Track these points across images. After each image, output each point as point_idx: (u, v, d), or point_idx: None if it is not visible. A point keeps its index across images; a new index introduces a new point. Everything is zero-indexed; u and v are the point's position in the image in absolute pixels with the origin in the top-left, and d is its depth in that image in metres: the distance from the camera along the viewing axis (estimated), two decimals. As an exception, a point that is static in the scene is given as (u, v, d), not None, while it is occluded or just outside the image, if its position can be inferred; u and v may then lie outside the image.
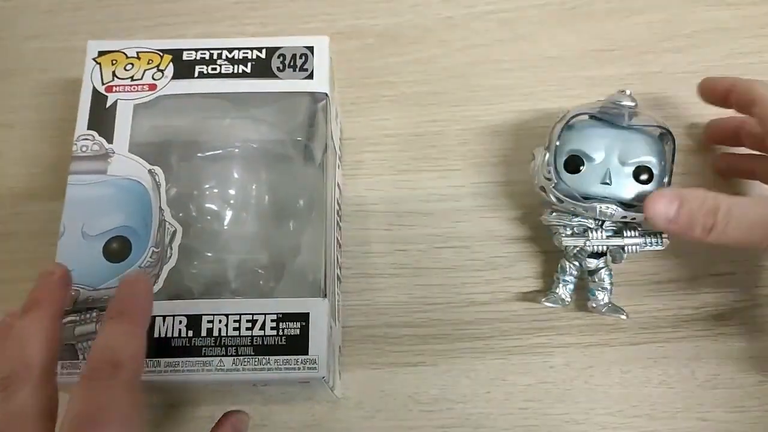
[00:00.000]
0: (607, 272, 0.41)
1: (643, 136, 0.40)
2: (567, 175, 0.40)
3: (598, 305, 0.41)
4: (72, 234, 0.37)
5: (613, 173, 0.40)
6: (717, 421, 0.41)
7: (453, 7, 0.52)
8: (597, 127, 0.41)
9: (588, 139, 0.40)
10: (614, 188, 0.40)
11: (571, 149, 0.40)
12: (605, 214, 0.39)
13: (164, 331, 0.35)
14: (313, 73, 0.40)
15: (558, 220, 0.41)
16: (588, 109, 0.41)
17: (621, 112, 0.40)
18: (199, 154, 0.40)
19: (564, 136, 0.40)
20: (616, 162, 0.40)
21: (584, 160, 0.40)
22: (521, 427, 0.41)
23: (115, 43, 0.41)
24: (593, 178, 0.40)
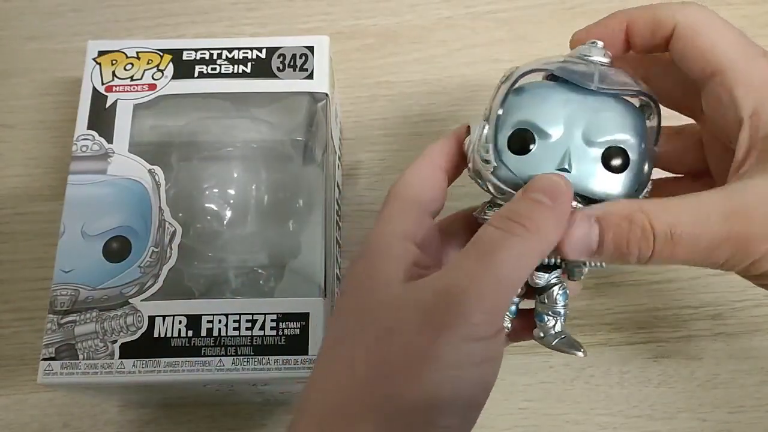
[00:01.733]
0: (561, 291, 0.31)
1: (618, 105, 0.29)
2: (511, 157, 0.29)
3: (547, 335, 0.31)
4: (72, 234, 0.37)
5: (575, 155, 0.29)
6: (717, 422, 0.41)
7: (453, 7, 0.52)
8: (555, 90, 0.30)
9: (542, 107, 0.29)
10: (575, 176, 0.28)
11: (518, 121, 0.29)
12: None
13: (164, 331, 0.35)
14: (313, 73, 0.40)
15: None
16: (544, 64, 0.30)
17: (590, 71, 0.29)
18: (199, 154, 0.40)
19: (509, 102, 0.29)
20: (579, 140, 0.29)
21: (535, 136, 0.29)
22: (521, 427, 0.41)
23: (115, 43, 0.41)
24: (547, 161, 0.29)
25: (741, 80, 0.28)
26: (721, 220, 0.26)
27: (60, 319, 0.35)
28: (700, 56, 0.29)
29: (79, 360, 0.34)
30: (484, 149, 0.29)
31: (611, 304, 0.43)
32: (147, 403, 0.42)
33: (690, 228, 0.26)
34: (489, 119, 0.29)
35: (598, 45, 0.30)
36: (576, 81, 0.29)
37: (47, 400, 0.42)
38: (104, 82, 0.40)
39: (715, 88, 0.29)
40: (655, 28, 0.30)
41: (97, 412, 0.42)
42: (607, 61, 0.30)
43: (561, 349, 0.31)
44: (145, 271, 0.36)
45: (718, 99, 0.29)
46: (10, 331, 0.43)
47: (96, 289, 0.36)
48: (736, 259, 0.27)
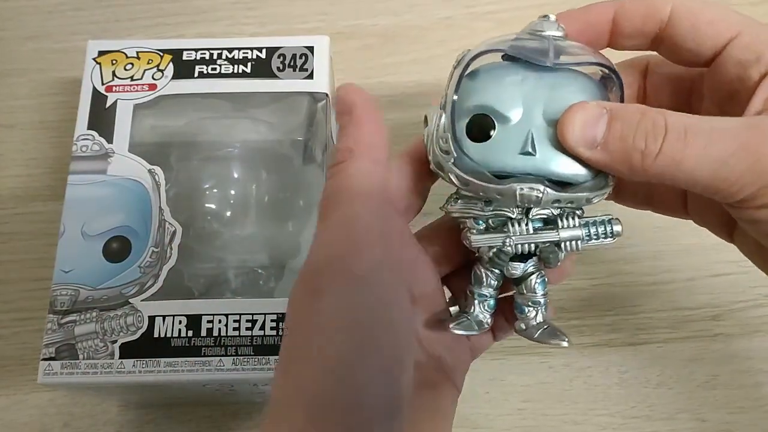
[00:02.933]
0: (539, 279, 0.29)
1: (578, 79, 0.28)
2: (471, 145, 0.27)
3: (529, 326, 0.30)
4: (72, 234, 0.37)
5: (538, 138, 0.27)
6: (716, 422, 0.41)
7: (452, 7, 0.52)
8: (511, 70, 0.28)
9: (498, 90, 0.27)
10: (540, 159, 0.27)
11: (475, 106, 0.28)
12: (529, 198, 0.27)
13: (164, 331, 0.35)
14: (313, 73, 0.40)
15: (465, 210, 0.29)
16: (495, 44, 0.29)
17: (544, 47, 0.28)
18: (199, 155, 0.40)
19: (464, 87, 0.28)
20: (540, 120, 0.27)
21: (495, 121, 0.27)
22: (520, 428, 0.41)
23: (115, 43, 0.41)
24: (509, 146, 0.27)
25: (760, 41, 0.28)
26: (739, 129, 0.25)
27: (60, 319, 0.35)
28: (711, 27, 0.28)
29: (79, 360, 0.34)
30: (443, 139, 0.27)
31: (610, 305, 0.44)
32: (147, 403, 0.42)
33: (707, 129, 0.25)
34: (445, 107, 0.28)
35: (550, 18, 0.29)
36: (530, 58, 0.27)
37: (47, 400, 0.42)
38: (104, 82, 0.40)
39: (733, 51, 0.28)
40: (648, 13, 0.29)
41: (97, 412, 0.42)
42: (560, 34, 0.28)
43: (544, 340, 0.29)
44: (145, 271, 0.36)
45: (736, 61, 0.28)
46: (10, 331, 0.43)
47: (96, 289, 0.36)
48: (746, 178, 0.24)
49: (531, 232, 0.28)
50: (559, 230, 0.28)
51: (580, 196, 0.27)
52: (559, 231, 0.28)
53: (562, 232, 0.28)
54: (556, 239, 0.28)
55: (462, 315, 0.30)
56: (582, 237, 0.28)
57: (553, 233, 0.28)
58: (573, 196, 0.27)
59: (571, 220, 0.28)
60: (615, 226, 0.29)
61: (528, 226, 0.28)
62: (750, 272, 0.44)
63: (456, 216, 0.29)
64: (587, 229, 0.28)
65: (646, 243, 0.45)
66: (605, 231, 0.28)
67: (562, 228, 0.28)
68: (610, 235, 0.29)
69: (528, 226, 0.28)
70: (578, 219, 0.28)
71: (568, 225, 0.28)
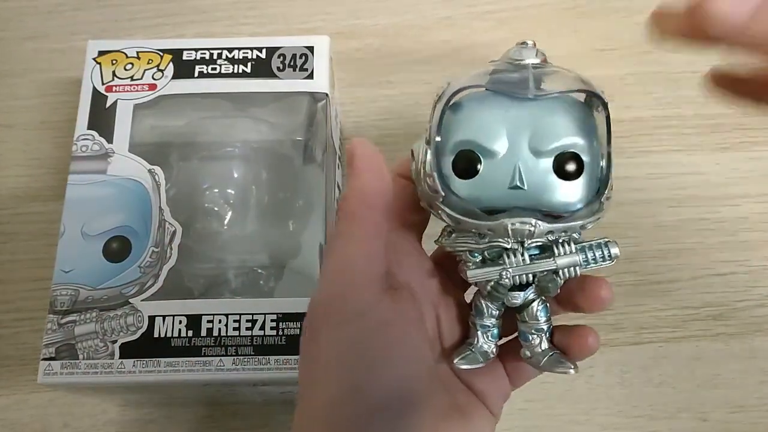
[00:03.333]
0: (541, 306, 0.29)
1: (563, 107, 0.27)
2: (458, 182, 0.27)
3: (534, 354, 0.29)
4: (72, 234, 0.37)
5: (526, 170, 0.27)
6: (717, 421, 0.41)
7: (453, 7, 0.52)
8: (493, 103, 0.27)
9: (482, 124, 0.27)
10: (530, 192, 0.27)
11: (459, 142, 0.27)
12: (521, 232, 0.26)
13: (164, 331, 0.35)
14: (313, 73, 0.40)
15: (461, 244, 0.28)
16: (476, 79, 0.28)
17: (523, 77, 0.27)
18: (199, 154, 0.40)
19: (447, 123, 0.27)
20: (526, 152, 0.27)
21: (480, 156, 0.27)
22: (521, 428, 0.41)
23: (115, 43, 0.41)
24: (497, 181, 0.27)
25: None
26: None
27: (60, 319, 0.35)
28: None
29: (79, 360, 0.34)
30: (430, 178, 0.27)
31: (612, 304, 0.43)
32: (147, 403, 0.42)
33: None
34: (429, 143, 0.27)
35: (528, 45, 0.29)
36: (510, 93, 0.27)
37: (47, 400, 0.42)
38: (104, 82, 0.40)
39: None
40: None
41: (97, 412, 0.41)
42: (539, 61, 0.28)
43: (550, 369, 0.29)
44: (145, 271, 0.36)
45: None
46: (11, 331, 0.43)
47: (96, 289, 0.36)
48: None
49: (528, 262, 0.27)
50: (556, 258, 0.27)
51: (574, 225, 0.27)
52: (556, 259, 0.27)
53: (559, 260, 0.27)
54: (553, 267, 0.27)
55: (466, 348, 0.29)
56: (580, 263, 0.28)
57: (550, 261, 0.27)
58: (566, 226, 0.27)
59: (567, 247, 0.27)
60: (612, 249, 0.28)
61: (524, 256, 0.27)
62: (752, 272, 0.44)
63: (451, 250, 0.29)
64: (584, 254, 0.28)
65: (649, 242, 0.45)
66: (603, 254, 0.28)
67: (558, 255, 0.27)
68: (608, 258, 0.28)
69: (524, 256, 0.27)
70: (574, 245, 0.28)
71: (565, 252, 0.27)
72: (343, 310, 0.25)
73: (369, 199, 0.27)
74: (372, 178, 0.27)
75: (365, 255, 0.26)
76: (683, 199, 0.46)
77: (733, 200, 0.46)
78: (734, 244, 0.45)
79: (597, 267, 0.28)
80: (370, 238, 0.26)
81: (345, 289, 0.26)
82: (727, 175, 0.47)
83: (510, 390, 0.31)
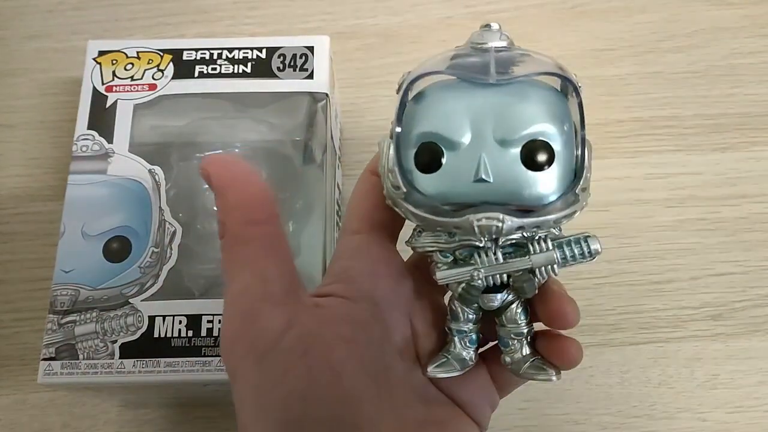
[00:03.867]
0: (520, 308, 0.27)
1: (531, 92, 0.25)
2: (421, 177, 0.25)
3: (514, 360, 0.27)
4: (72, 234, 0.37)
5: (491, 162, 0.24)
6: (716, 422, 0.41)
7: (452, 7, 0.52)
8: (455, 91, 0.25)
9: (443, 114, 0.25)
10: (496, 185, 0.24)
11: (420, 134, 0.25)
12: (488, 229, 0.24)
13: (164, 331, 0.35)
14: (313, 73, 0.40)
15: (430, 244, 0.26)
16: (436, 65, 0.26)
17: (484, 61, 0.25)
18: (199, 154, 0.40)
19: (408, 114, 0.26)
20: (492, 142, 0.24)
21: (443, 148, 0.25)
22: (520, 428, 0.41)
23: (116, 43, 0.41)
24: (461, 175, 0.25)
25: None
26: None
27: (60, 319, 0.35)
28: None
29: (79, 360, 0.34)
30: (391, 173, 0.25)
31: (612, 305, 0.43)
32: (147, 403, 0.42)
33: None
34: (391, 133, 0.26)
35: (492, 28, 0.27)
36: (471, 78, 0.25)
37: (47, 400, 0.42)
38: (104, 82, 0.40)
39: None
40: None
41: (97, 413, 0.42)
42: (503, 44, 0.26)
43: (531, 376, 0.27)
44: (145, 272, 0.36)
45: None
46: (11, 331, 0.43)
47: (96, 289, 0.36)
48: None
49: (501, 261, 0.26)
50: (531, 256, 0.25)
51: (547, 219, 0.24)
52: (531, 257, 0.25)
53: (534, 258, 0.25)
54: (528, 266, 0.26)
55: (442, 355, 0.27)
56: (557, 260, 0.26)
57: (525, 260, 0.25)
58: (538, 221, 0.24)
59: (543, 243, 0.26)
60: (593, 245, 0.26)
61: (497, 254, 0.26)
62: (750, 272, 0.44)
63: (420, 251, 0.27)
64: (562, 251, 0.26)
65: (648, 242, 0.45)
66: (582, 251, 0.26)
67: (534, 253, 0.26)
68: (588, 255, 0.26)
69: (497, 255, 0.26)
70: (552, 241, 0.26)
71: (541, 249, 0.26)
72: (250, 348, 0.23)
73: (246, 214, 0.25)
74: (239, 189, 0.25)
75: (259, 278, 0.24)
76: (683, 199, 0.46)
77: (732, 200, 0.46)
78: (734, 244, 0.45)
79: (576, 264, 0.26)
80: (259, 257, 0.24)
81: (245, 322, 0.23)
82: (726, 175, 0.47)
83: (497, 399, 0.29)
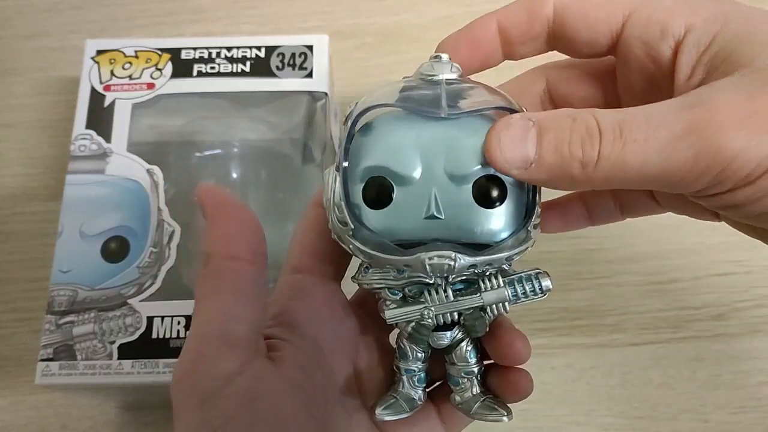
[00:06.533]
0: (470, 347, 0.26)
1: (482, 126, 0.24)
2: (369, 213, 0.24)
3: (464, 399, 0.27)
4: (70, 234, 0.36)
5: (442, 198, 0.24)
6: (718, 422, 0.41)
7: (452, 6, 0.52)
8: (405, 123, 0.25)
9: (393, 147, 0.24)
10: (448, 222, 0.24)
11: (369, 168, 0.24)
12: (440, 268, 0.23)
13: (162, 331, 0.34)
14: (312, 72, 0.40)
15: (378, 281, 0.25)
16: (385, 97, 0.25)
17: (435, 94, 0.24)
18: (198, 154, 0.40)
19: (355, 146, 0.25)
20: (443, 177, 0.24)
21: (393, 183, 0.24)
22: (522, 429, 0.41)
23: (114, 42, 0.41)
24: (412, 210, 0.24)
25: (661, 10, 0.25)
26: (679, 110, 0.21)
27: (58, 320, 0.35)
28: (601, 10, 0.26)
29: (78, 361, 0.34)
30: (338, 208, 0.24)
31: (613, 305, 0.43)
32: (145, 404, 0.42)
33: (643, 122, 0.21)
34: (337, 166, 0.25)
35: (442, 59, 0.26)
36: (421, 112, 0.24)
37: (45, 402, 0.41)
38: (102, 81, 0.40)
39: (634, 30, 0.25)
40: (531, 13, 0.27)
41: (95, 414, 0.41)
42: (454, 76, 0.25)
43: (482, 417, 0.26)
44: (143, 272, 0.36)
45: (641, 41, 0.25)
46: (8, 331, 0.43)
47: (94, 290, 0.35)
48: (701, 163, 0.21)
49: (451, 299, 0.25)
50: (482, 293, 0.25)
51: (499, 257, 0.24)
52: (482, 294, 0.25)
53: (485, 296, 0.25)
54: (479, 304, 0.25)
55: (390, 396, 0.27)
56: (508, 298, 0.25)
57: (476, 297, 0.25)
58: (490, 259, 0.24)
59: (494, 281, 0.25)
60: (544, 281, 0.25)
61: (447, 292, 0.25)
62: (753, 272, 0.44)
63: (368, 288, 0.26)
64: (513, 288, 0.25)
65: (650, 243, 0.45)
66: (533, 288, 0.25)
67: (485, 291, 0.25)
68: (540, 292, 0.25)
69: (447, 293, 0.25)
70: (502, 278, 0.25)
71: (492, 286, 0.25)
72: (195, 388, 0.22)
73: (232, 248, 0.24)
74: (231, 223, 0.24)
75: (223, 317, 0.23)
76: (684, 199, 0.46)
77: (734, 200, 0.46)
78: (735, 244, 0.45)
79: (528, 302, 0.25)
80: (229, 294, 0.23)
81: (196, 360, 0.22)
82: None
83: None
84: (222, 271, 0.24)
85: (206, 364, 0.22)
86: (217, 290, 0.23)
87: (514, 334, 0.26)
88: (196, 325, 0.23)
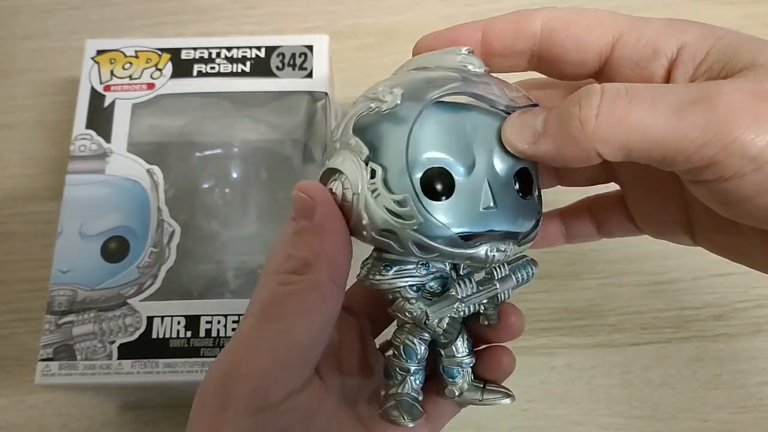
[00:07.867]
0: (466, 337, 0.27)
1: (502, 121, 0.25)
2: (433, 205, 0.23)
3: (464, 390, 0.27)
4: (70, 234, 0.36)
5: (495, 189, 0.24)
6: (719, 422, 0.41)
7: (453, 6, 0.52)
8: (455, 114, 0.24)
9: (449, 138, 0.23)
10: (501, 213, 0.24)
11: (428, 159, 0.23)
12: (498, 260, 0.24)
13: (162, 331, 0.34)
14: (312, 72, 0.40)
15: (400, 278, 0.25)
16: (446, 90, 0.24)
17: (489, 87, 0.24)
18: (198, 154, 0.40)
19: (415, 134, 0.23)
20: (492, 170, 0.24)
21: (453, 174, 0.23)
22: (523, 428, 0.41)
23: (114, 42, 0.41)
24: (471, 203, 0.23)
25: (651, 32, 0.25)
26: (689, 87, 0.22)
27: (58, 320, 0.35)
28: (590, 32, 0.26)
29: (77, 360, 0.34)
30: (398, 201, 0.23)
31: (614, 305, 0.43)
32: (145, 404, 0.42)
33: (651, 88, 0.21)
34: (377, 157, 0.23)
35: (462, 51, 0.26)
36: (489, 103, 0.24)
37: (45, 401, 0.41)
38: (102, 81, 0.40)
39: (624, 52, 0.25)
40: (517, 29, 0.27)
41: (95, 414, 0.41)
42: (483, 71, 0.25)
43: (492, 401, 0.27)
44: (143, 272, 0.36)
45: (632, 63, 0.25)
46: (8, 331, 0.43)
47: (94, 290, 0.35)
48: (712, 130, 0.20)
49: (476, 290, 0.25)
50: (497, 282, 0.25)
51: (526, 247, 0.25)
52: (498, 282, 0.25)
53: (499, 284, 0.25)
54: (496, 292, 0.25)
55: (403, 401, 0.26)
56: (514, 284, 0.26)
57: (493, 286, 0.25)
58: (526, 247, 0.25)
59: (503, 269, 0.25)
60: (535, 268, 0.26)
61: (473, 283, 0.25)
62: (753, 272, 0.44)
63: (388, 287, 0.25)
64: (516, 275, 0.26)
65: (651, 243, 0.44)
66: (527, 274, 0.26)
67: (498, 279, 0.25)
68: (531, 278, 0.26)
69: (473, 284, 0.25)
70: (506, 265, 0.25)
71: (502, 275, 0.25)
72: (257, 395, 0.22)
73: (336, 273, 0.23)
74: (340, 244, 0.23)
75: (309, 337, 0.23)
76: (684, 198, 0.46)
77: (734, 200, 0.46)
78: (735, 244, 0.45)
79: (519, 287, 0.26)
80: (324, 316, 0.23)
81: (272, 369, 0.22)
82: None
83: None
84: (325, 292, 0.23)
85: (281, 375, 0.22)
86: (313, 309, 0.23)
87: (509, 307, 0.27)
88: (279, 333, 0.23)
